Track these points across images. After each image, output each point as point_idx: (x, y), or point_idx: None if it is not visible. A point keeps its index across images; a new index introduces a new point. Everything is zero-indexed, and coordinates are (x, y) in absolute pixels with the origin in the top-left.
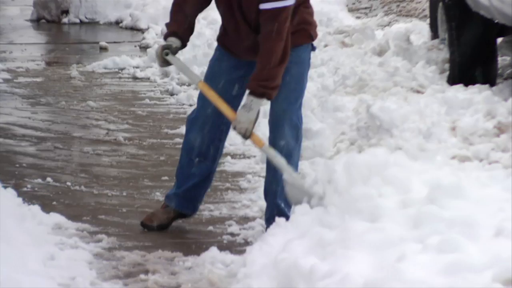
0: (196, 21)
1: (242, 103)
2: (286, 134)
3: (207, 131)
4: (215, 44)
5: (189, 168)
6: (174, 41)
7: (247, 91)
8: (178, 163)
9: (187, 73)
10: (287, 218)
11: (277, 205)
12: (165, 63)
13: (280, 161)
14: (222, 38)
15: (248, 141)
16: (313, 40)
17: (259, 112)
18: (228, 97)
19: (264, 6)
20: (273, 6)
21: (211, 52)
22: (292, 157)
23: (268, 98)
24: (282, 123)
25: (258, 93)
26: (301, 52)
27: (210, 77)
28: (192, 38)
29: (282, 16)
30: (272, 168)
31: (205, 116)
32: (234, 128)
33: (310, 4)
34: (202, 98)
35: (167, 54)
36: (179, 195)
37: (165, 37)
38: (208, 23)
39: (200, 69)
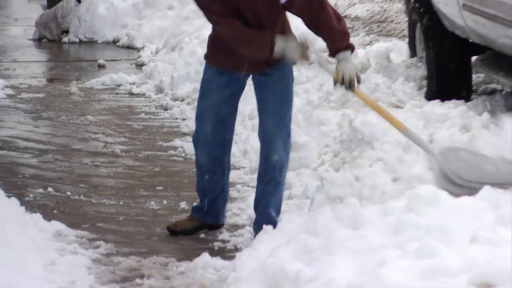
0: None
1: (336, 62)
2: (278, 148)
3: (210, 149)
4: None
5: (203, 184)
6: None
7: (336, 55)
8: (196, 180)
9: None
10: (275, 225)
11: (269, 214)
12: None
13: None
14: (213, 54)
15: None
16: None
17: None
18: (223, 115)
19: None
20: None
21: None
22: (283, 169)
23: (353, 48)
24: (274, 139)
25: (344, 47)
26: (283, 69)
27: (203, 97)
28: (185, 56)
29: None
30: (264, 179)
31: (205, 135)
32: (342, 83)
33: (288, 24)
34: (200, 117)
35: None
36: (201, 208)
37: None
38: (200, 42)
39: (193, 85)
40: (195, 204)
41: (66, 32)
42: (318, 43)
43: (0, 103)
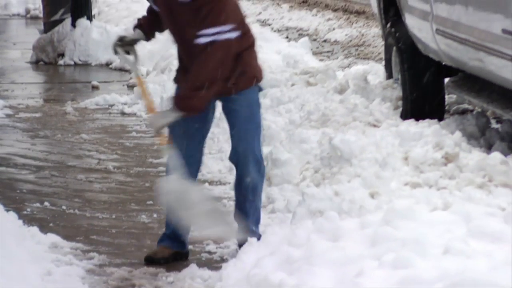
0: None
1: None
2: (251, 170)
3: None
4: None
5: (169, 211)
6: (137, 33)
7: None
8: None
9: (131, 65)
10: (259, 237)
11: (249, 230)
12: (115, 52)
13: (173, 164)
14: (177, 74)
15: (223, 169)
16: (258, 82)
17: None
18: (190, 149)
19: (201, 40)
20: (211, 39)
21: None
22: (257, 189)
23: (187, 115)
24: (245, 161)
25: (180, 107)
26: (248, 94)
27: (171, 131)
28: None
29: (218, 48)
30: (239, 199)
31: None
32: (148, 124)
33: (254, 49)
34: (172, 138)
35: (118, 45)
36: (167, 235)
37: (133, 28)
38: None
39: None
40: (162, 233)
41: (62, 55)
42: (300, 66)
43: (0, 122)
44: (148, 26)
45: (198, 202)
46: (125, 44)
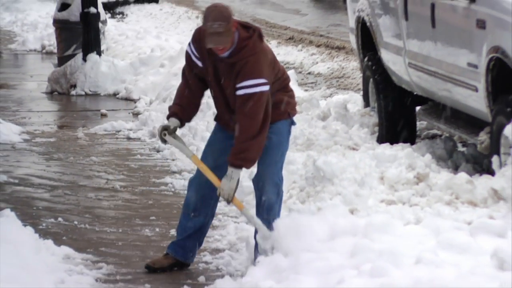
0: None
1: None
2: (268, 191)
3: (202, 191)
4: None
5: (186, 222)
6: (173, 122)
7: (228, 167)
8: (179, 218)
9: (182, 149)
10: None
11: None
12: (163, 141)
13: (256, 221)
14: (217, 116)
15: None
16: (290, 116)
17: (239, 180)
18: (220, 162)
19: (238, 92)
20: (245, 92)
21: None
22: (272, 210)
23: (246, 167)
24: (264, 182)
25: (236, 165)
26: (280, 125)
27: (207, 145)
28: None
29: (254, 99)
30: (258, 212)
31: (200, 176)
32: (219, 195)
33: (289, 88)
34: (202, 157)
35: (165, 135)
36: (176, 243)
37: (167, 117)
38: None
39: (181, 131)
40: (172, 241)
41: (74, 86)
42: None
43: (18, 147)
44: (181, 113)
45: None
46: (170, 133)
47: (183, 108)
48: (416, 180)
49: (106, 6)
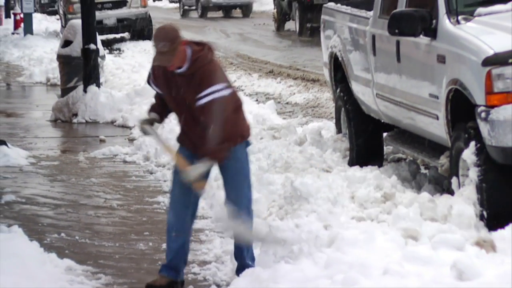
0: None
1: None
2: (242, 214)
3: (177, 211)
4: None
5: (170, 243)
6: (152, 115)
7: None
8: (166, 242)
9: (158, 139)
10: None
11: (247, 265)
12: (143, 131)
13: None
14: (179, 137)
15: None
16: (244, 139)
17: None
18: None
19: (202, 101)
20: (208, 100)
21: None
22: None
23: (215, 159)
24: (237, 207)
25: (207, 154)
26: (237, 151)
27: (175, 171)
28: (165, 133)
29: (219, 104)
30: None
31: (174, 198)
32: (184, 178)
33: (240, 110)
34: (172, 184)
35: (143, 124)
36: (167, 266)
37: (147, 112)
38: (177, 122)
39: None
40: (163, 264)
41: (76, 115)
42: (267, 123)
43: (25, 169)
44: (159, 109)
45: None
46: (147, 123)
47: (160, 107)
48: (383, 199)
49: (104, 43)
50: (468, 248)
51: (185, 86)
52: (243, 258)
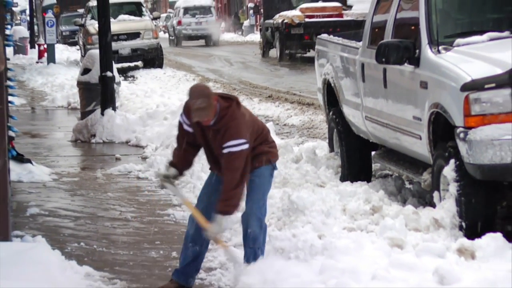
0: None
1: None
2: (252, 224)
3: (197, 225)
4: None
5: (186, 251)
6: (172, 171)
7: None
8: (181, 248)
9: (178, 194)
10: None
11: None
12: (163, 187)
13: (234, 257)
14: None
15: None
16: (271, 163)
17: (224, 224)
18: (214, 199)
19: (223, 151)
20: (229, 151)
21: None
22: (257, 240)
23: (230, 213)
24: (249, 217)
25: (223, 211)
26: (262, 169)
27: (204, 187)
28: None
29: (235, 156)
30: (244, 246)
31: (203, 210)
32: (206, 236)
33: (270, 139)
34: (198, 200)
35: (164, 181)
36: (178, 270)
37: (169, 164)
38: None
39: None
40: (176, 268)
41: (94, 135)
42: None
43: (48, 185)
44: (179, 164)
45: None
46: (167, 180)
47: (180, 163)
48: (371, 211)
49: (120, 70)
50: (449, 255)
51: (213, 137)
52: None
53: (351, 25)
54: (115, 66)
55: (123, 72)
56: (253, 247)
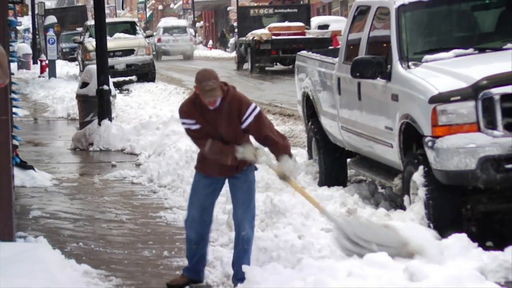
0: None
1: (279, 160)
2: (245, 227)
3: (196, 228)
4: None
5: (190, 252)
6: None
7: (278, 158)
8: (186, 248)
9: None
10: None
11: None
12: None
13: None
14: (201, 166)
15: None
16: (251, 164)
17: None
18: (206, 205)
19: (245, 123)
20: (252, 119)
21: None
22: (250, 241)
23: (290, 155)
24: (243, 221)
25: (283, 153)
26: (247, 173)
27: (193, 193)
28: (166, 159)
29: (262, 117)
30: (237, 247)
31: (193, 218)
32: (282, 177)
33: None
34: (190, 206)
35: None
36: (189, 268)
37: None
38: (176, 150)
39: (172, 177)
40: (185, 266)
41: (91, 144)
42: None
43: (49, 189)
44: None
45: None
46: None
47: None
48: (347, 213)
49: (115, 84)
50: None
51: (221, 119)
52: (240, 264)
53: (312, 42)
54: (111, 80)
55: (118, 85)
56: (247, 248)
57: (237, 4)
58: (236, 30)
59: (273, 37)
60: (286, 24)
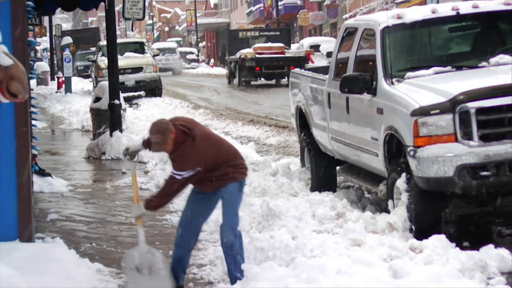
0: None
1: (140, 203)
2: (227, 234)
3: (183, 230)
4: None
5: (173, 254)
6: (138, 146)
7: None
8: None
9: (132, 164)
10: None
11: (235, 276)
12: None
13: (141, 237)
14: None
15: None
16: (237, 180)
17: (143, 211)
18: (197, 211)
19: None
20: (170, 175)
21: None
22: (233, 247)
23: (148, 209)
24: (224, 228)
25: (146, 205)
26: (229, 187)
27: (189, 201)
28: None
29: (172, 181)
30: (224, 253)
31: (185, 219)
32: (131, 211)
33: (236, 161)
34: (184, 212)
35: (125, 153)
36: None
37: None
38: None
39: None
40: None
41: (104, 153)
42: (248, 159)
43: (65, 195)
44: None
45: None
46: (130, 153)
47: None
48: (336, 216)
49: (126, 99)
50: (401, 253)
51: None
52: (231, 270)
53: (290, 60)
54: (122, 95)
55: (128, 100)
56: (232, 254)
57: (228, 27)
58: (226, 49)
59: (257, 55)
60: (269, 44)
